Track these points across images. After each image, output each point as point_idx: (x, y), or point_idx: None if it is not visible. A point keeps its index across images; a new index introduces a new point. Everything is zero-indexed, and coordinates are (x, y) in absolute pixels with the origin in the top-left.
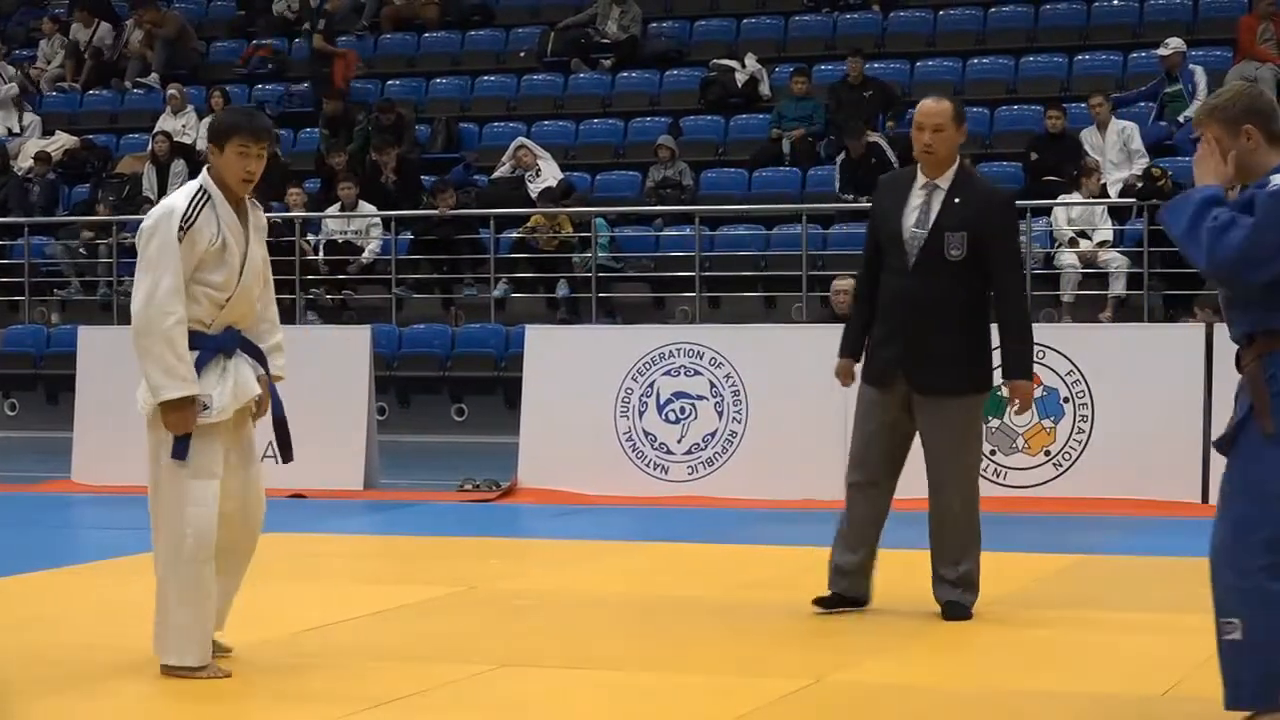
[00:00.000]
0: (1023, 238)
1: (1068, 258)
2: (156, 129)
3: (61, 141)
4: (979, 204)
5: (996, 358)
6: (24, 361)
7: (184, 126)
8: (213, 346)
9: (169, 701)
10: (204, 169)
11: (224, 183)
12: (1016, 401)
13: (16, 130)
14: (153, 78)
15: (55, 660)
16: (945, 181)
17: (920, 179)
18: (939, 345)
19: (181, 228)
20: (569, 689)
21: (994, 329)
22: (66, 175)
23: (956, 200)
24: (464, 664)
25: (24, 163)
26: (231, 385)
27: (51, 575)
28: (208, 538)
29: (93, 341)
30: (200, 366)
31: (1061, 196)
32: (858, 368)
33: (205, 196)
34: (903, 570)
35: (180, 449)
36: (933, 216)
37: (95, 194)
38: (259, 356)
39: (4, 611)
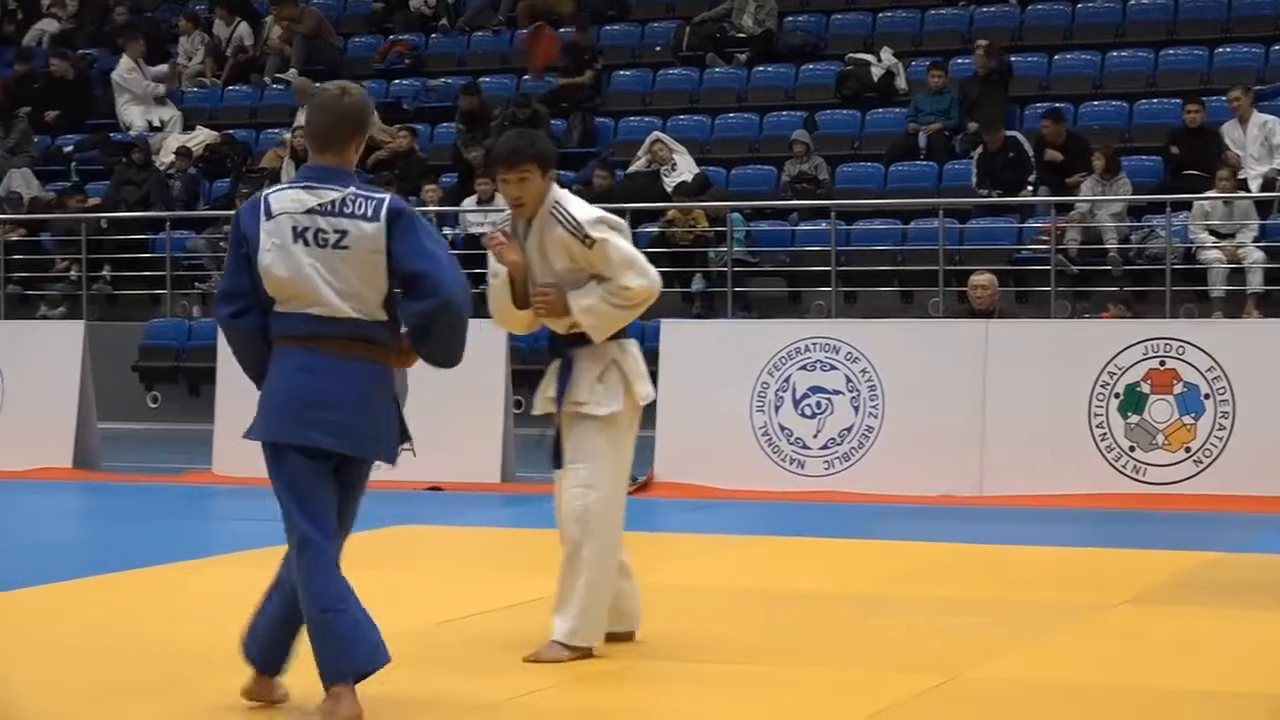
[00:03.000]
0: (1161, 233)
1: (1210, 253)
2: (295, 123)
3: (202, 137)
4: None
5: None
6: (166, 354)
7: None
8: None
9: (290, 691)
10: None
11: None
12: None
13: (158, 125)
14: (291, 73)
15: (192, 650)
16: None
17: None
18: None
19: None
20: (700, 681)
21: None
22: (207, 170)
23: None
24: (595, 656)
25: (165, 158)
26: (543, 385)
27: (192, 566)
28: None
29: None
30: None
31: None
32: None
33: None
34: (1034, 564)
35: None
36: None
37: (235, 188)
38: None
39: (145, 602)
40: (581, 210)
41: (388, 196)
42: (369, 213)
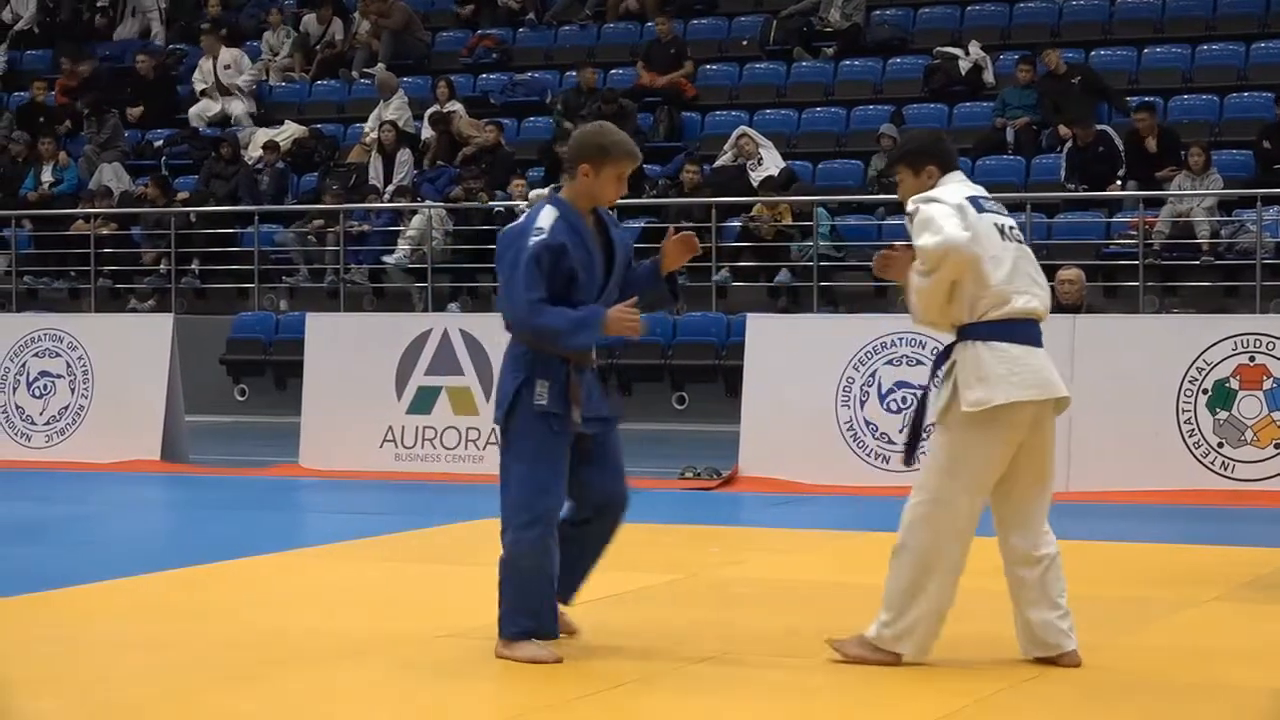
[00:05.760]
0: (1252, 227)
1: None
2: (383, 118)
3: (290, 131)
4: None
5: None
6: (253, 347)
7: (401, 118)
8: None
9: (375, 685)
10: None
11: None
12: None
13: (228, 119)
14: (379, 68)
15: (277, 643)
16: None
17: None
18: None
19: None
20: (785, 678)
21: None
22: (295, 165)
23: None
24: (681, 652)
25: (254, 152)
26: None
27: (278, 558)
28: None
29: (320, 328)
30: None
31: None
32: None
33: None
34: (1120, 561)
35: None
36: None
37: (322, 183)
38: None
39: (230, 594)
40: (925, 193)
41: (513, 224)
42: None
